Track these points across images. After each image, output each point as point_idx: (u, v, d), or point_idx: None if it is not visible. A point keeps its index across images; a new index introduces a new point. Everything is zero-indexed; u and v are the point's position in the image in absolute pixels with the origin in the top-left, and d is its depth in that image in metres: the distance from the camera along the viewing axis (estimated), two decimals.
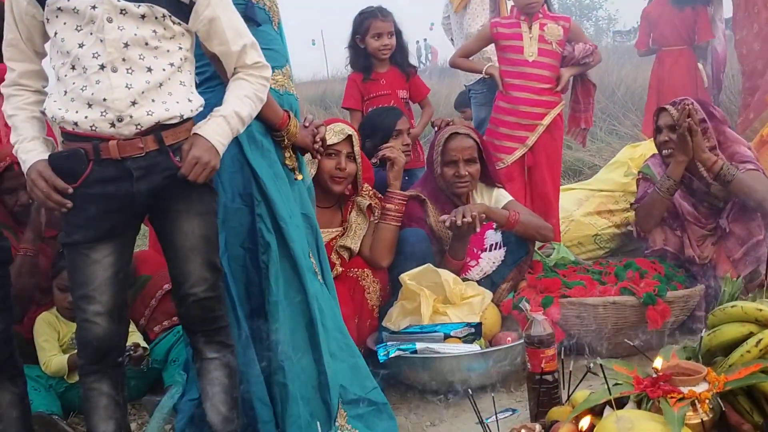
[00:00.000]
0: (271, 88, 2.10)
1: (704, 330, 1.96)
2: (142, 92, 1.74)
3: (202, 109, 1.89)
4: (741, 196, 2.98)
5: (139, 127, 1.76)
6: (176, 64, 1.81)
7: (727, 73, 6.30)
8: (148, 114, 1.76)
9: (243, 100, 1.89)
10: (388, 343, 2.61)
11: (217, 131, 1.84)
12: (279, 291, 2.10)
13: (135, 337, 2.70)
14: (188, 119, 1.85)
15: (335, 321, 2.23)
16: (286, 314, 2.10)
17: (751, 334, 1.85)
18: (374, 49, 3.67)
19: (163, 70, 1.78)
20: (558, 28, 3.57)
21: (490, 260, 2.99)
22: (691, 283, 2.94)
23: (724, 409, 1.74)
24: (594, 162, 6.22)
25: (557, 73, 3.55)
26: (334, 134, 2.84)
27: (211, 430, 1.91)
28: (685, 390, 1.68)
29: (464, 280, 2.90)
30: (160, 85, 1.77)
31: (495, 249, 3.00)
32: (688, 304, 2.80)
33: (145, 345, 2.69)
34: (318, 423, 1.81)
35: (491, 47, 3.74)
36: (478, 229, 2.82)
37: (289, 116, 2.18)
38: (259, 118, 2.08)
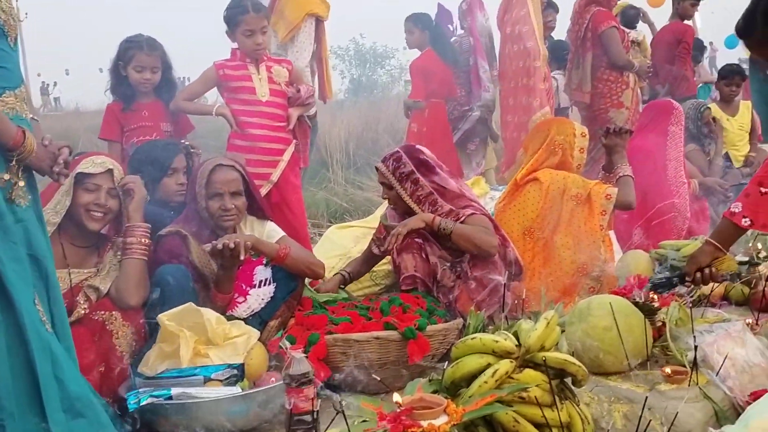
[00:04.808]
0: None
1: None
2: None
3: None
4: (462, 245, 3.17)
5: None
6: None
7: None
8: None
9: None
10: (140, 390, 2.41)
11: None
12: (0, 343, 1.87)
13: None
14: None
15: (72, 373, 2.01)
16: (7, 369, 1.88)
17: (489, 365, 1.94)
18: (135, 81, 3.54)
19: None
20: (283, 69, 3.79)
21: (258, 297, 2.91)
22: (450, 316, 3.07)
23: None
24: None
25: (287, 112, 3.73)
26: (93, 165, 2.67)
27: None
28: (425, 423, 1.71)
29: (231, 317, 2.79)
30: None
31: (264, 285, 2.93)
32: (447, 337, 2.91)
33: None
34: None
35: None
36: (242, 257, 2.74)
37: (25, 133, 1.97)
38: None
